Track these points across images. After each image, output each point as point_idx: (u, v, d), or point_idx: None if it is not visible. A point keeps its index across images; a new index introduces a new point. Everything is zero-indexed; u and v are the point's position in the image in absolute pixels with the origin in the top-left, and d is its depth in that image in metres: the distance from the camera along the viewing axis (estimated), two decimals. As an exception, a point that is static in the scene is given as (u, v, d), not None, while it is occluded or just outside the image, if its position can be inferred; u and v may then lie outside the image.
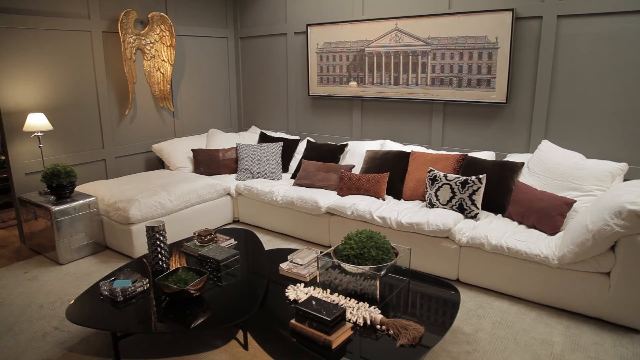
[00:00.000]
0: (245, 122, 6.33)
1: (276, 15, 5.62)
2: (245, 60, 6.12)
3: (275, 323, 2.58)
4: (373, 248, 2.59)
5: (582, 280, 2.95)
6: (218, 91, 6.06)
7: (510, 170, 3.72)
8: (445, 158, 4.01)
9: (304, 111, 5.63)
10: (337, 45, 5.05)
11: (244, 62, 6.13)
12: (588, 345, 2.73)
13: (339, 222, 4.03)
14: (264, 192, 4.47)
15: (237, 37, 6.08)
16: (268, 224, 4.62)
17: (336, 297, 2.63)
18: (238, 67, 6.19)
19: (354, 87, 5.01)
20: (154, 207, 4.02)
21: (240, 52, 6.12)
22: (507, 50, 4.02)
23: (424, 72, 4.50)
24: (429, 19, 4.38)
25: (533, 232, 3.30)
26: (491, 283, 3.32)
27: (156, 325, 2.49)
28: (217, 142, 5.42)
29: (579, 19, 3.75)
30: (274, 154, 5.01)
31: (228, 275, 3.00)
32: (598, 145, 3.83)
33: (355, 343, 2.33)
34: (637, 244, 2.72)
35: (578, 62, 3.81)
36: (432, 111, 4.62)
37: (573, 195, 3.43)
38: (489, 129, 4.33)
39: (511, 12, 3.94)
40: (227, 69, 6.12)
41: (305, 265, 3.00)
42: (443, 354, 2.63)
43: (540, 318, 3.02)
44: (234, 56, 6.15)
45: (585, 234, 2.83)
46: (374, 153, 4.43)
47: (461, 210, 3.62)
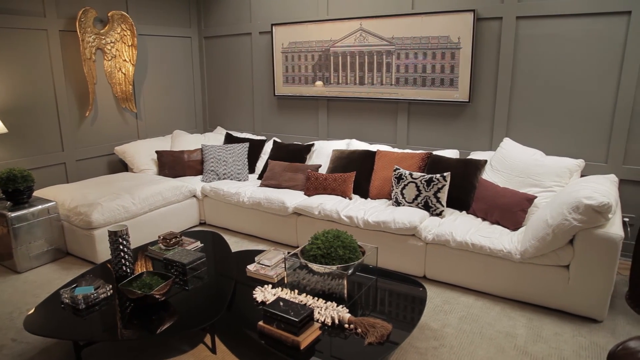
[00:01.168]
0: (210, 123, 6.25)
1: (240, 15, 5.57)
2: (209, 60, 6.04)
3: (243, 325, 2.55)
4: (340, 247, 2.60)
5: (543, 274, 3.04)
6: (182, 92, 5.96)
7: (474, 168, 3.80)
8: (410, 157, 4.07)
9: (270, 111, 5.60)
10: (303, 45, 5.04)
11: (209, 62, 6.05)
12: (549, 336, 2.81)
13: (307, 222, 4.03)
14: (231, 193, 4.42)
15: (201, 37, 6.00)
16: (235, 225, 4.58)
17: (304, 298, 2.62)
18: (202, 67, 6.10)
19: (320, 87, 5.01)
20: (117, 210, 3.92)
21: (205, 52, 6.04)
22: (469, 50, 4.10)
23: (389, 72, 4.54)
24: (392, 19, 4.43)
25: (496, 228, 3.38)
26: (457, 279, 3.38)
27: (120, 332, 2.43)
28: (182, 143, 5.33)
29: (537, 21, 3.86)
30: (240, 154, 4.96)
31: (194, 279, 2.95)
32: (557, 143, 3.95)
33: (323, 343, 2.32)
34: (594, 237, 2.83)
35: (537, 62, 3.92)
36: (397, 110, 4.67)
37: (534, 191, 3.53)
38: (453, 128, 4.41)
39: (472, 12, 4.02)
40: (192, 69, 6.03)
41: (272, 266, 2.98)
42: (411, 350, 2.66)
43: (504, 311, 3.09)
44: (198, 56, 6.06)
45: (545, 229, 2.92)
46: (340, 152, 4.44)
47: (427, 208, 3.67)
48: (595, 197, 2.76)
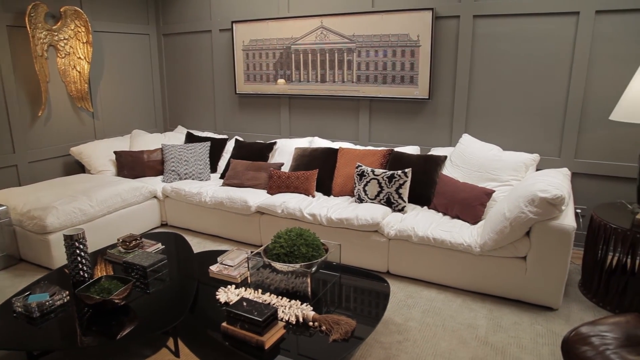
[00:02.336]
0: (171, 122, 6.13)
1: (200, 12, 5.47)
2: (169, 58, 5.91)
3: (207, 327, 2.51)
4: (303, 245, 2.60)
5: (502, 266, 3.12)
6: (141, 90, 5.82)
7: (434, 164, 3.87)
8: (372, 153, 4.10)
9: (232, 110, 5.54)
10: (264, 42, 5.01)
11: (168, 60, 5.93)
12: (508, 326, 2.90)
13: (270, 221, 4.00)
14: (192, 193, 4.35)
15: (160, 34, 5.86)
16: (198, 226, 4.51)
17: (268, 297, 2.61)
18: (162, 65, 5.97)
19: (282, 85, 4.99)
20: (73, 214, 3.79)
21: (164, 50, 5.91)
22: (428, 48, 4.17)
23: (350, 70, 4.56)
24: (353, 16, 4.45)
25: (457, 222, 3.45)
26: (420, 273, 3.44)
27: (78, 340, 2.35)
28: (141, 143, 5.20)
29: (493, 19, 3.95)
30: (201, 154, 4.88)
31: (156, 282, 2.89)
32: (513, 138, 4.07)
33: (288, 342, 2.32)
34: (549, 228, 2.92)
35: (493, 60, 4.02)
36: (358, 108, 4.70)
37: (492, 185, 3.62)
38: (414, 124, 4.47)
39: (431, 11, 4.08)
40: (150, 67, 5.89)
41: (235, 266, 2.95)
42: (376, 346, 2.69)
43: (465, 304, 3.16)
44: (157, 54, 5.93)
45: (503, 222, 3.00)
46: (303, 150, 4.44)
47: (389, 204, 3.71)
48: (550, 190, 2.85)
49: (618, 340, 2.00)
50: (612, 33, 3.58)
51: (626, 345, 1.97)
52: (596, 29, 3.61)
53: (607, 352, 1.93)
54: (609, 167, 3.76)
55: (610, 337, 2.02)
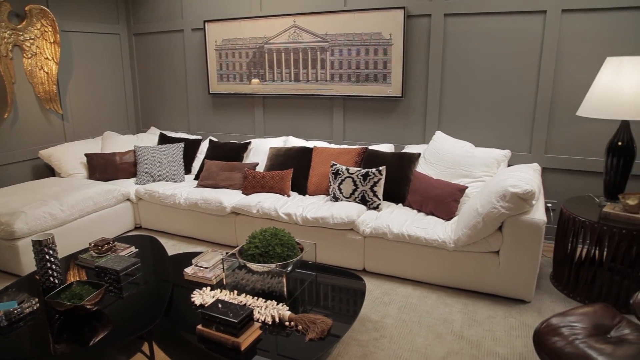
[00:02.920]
0: (143, 123, 6.03)
1: (171, 11, 5.40)
2: (140, 58, 5.82)
3: (182, 330, 2.48)
4: (278, 245, 2.59)
5: (476, 260, 3.17)
6: (112, 91, 5.71)
7: (408, 161, 3.90)
8: (346, 152, 4.11)
9: (205, 110, 5.49)
10: (236, 42, 4.97)
11: (140, 60, 5.83)
12: (483, 320, 2.94)
13: (245, 222, 3.98)
14: (166, 195, 4.30)
15: (131, 34, 5.77)
16: (172, 228, 4.45)
17: (244, 298, 2.59)
18: (133, 65, 5.87)
19: (256, 85, 4.96)
20: (43, 218, 3.70)
21: (135, 50, 5.81)
22: (400, 46, 4.20)
23: (323, 69, 4.57)
24: (326, 15, 4.45)
25: (431, 218, 3.49)
26: (395, 270, 3.47)
27: (50, 348, 2.29)
28: (113, 145, 5.10)
29: (463, 18, 4.01)
30: (175, 155, 4.82)
31: (130, 286, 2.84)
32: (485, 135, 4.13)
33: (265, 342, 2.30)
34: (520, 223, 2.98)
35: (465, 57, 4.07)
36: (332, 106, 4.71)
37: (465, 181, 3.67)
38: (387, 122, 4.50)
39: (403, 10, 4.11)
40: (122, 67, 5.78)
41: (210, 268, 2.93)
42: (353, 343, 2.70)
43: (441, 299, 3.20)
44: (128, 54, 5.83)
45: (476, 217, 3.04)
46: (277, 150, 4.43)
47: (364, 202, 3.73)
48: (520, 186, 2.91)
49: (586, 330, 2.05)
50: (578, 31, 3.67)
51: (594, 334, 2.03)
52: (563, 28, 3.70)
53: (576, 341, 1.98)
54: (577, 161, 3.85)
55: (579, 327, 2.07)
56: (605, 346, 1.92)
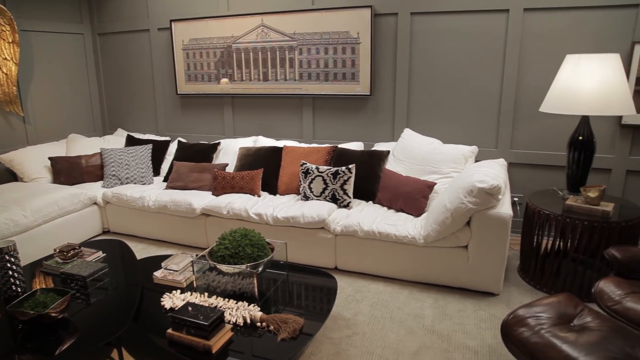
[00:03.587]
0: (110, 125, 5.91)
1: (137, 10, 5.30)
2: (106, 59, 5.69)
3: (152, 335, 2.44)
4: (248, 246, 2.57)
5: (446, 255, 3.22)
6: (77, 92, 5.57)
7: (378, 159, 3.93)
8: (316, 151, 4.12)
9: (173, 111, 5.41)
10: (204, 41, 4.91)
11: (105, 61, 5.70)
12: (453, 313, 2.99)
13: (216, 223, 3.94)
14: (134, 198, 4.22)
15: (95, 33, 5.63)
16: (142, 231, 4.37)
17: (215, 300, 2.57)
18: (98, 65, 5.73)
19: (225, 85, 4.92)
20: (4, 225, 3.59)
21: (100, 50, 5.68)
22: (368, 45, 4.22)
23: (292, 68, 4.56)
24: (293, 14, 4.44)
25: (401, 215, 3.53)
26: (367, 267, 3.49)
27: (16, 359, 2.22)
28: (78, 148, 4.98)
29: (429, 16, 4.06)
30: (143, 157, 4.74)
31: (97, 291, 2.77)
32: (453, 131, 4.20)
33: (237, 344, 2.29)
34: (487, 217, 3.04)
35: (431, 55, 4.13)
36: (302, 105, 4.71)
37: (433, 178, 3.72)
38: (357, 121, 4.53)
39: (370, 8, 4.14)
40: (86, 68, 5.64)
41: (180, 270, 2.89)
42: (326, 342, 2.71)
43: (412, 294, 3.24)
44: (93, 54, 5.69)
45: (444, 213, 3.09)
46: (247, 150, 4.40)
47: (334, 200, 3.74)
48: (487, 181, 2.96)
49: (551, 320, 2.10)
50: (540, 30, 3.76)
51: (558, 323, 2.08)
52: (525, 26, 3.79)
53: (541, 331, 2.03)
54: (541, 156, 3.95)
55: (545, 317, 2.13)
56: (569, 334, 1.98)
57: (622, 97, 2.99)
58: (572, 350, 1.87)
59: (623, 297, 2.29)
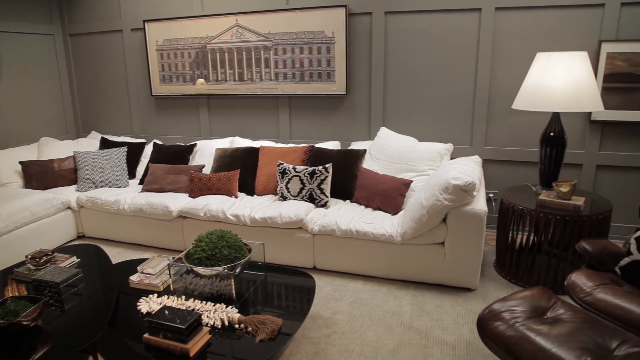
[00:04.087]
0: (83, 128, 5.80)
1: (109, 10, 5.21)
2: (78, 60, 5.58)
3: (128, 340, 2.41)
4: (225, 247, 2.56)
5: (423, 252, 3.25)
6: (48, 95, 5.45)
7: (354, 158, 3.95)
8: (293, 151, 4.11)
9: (148, 112, 5.34)
10: (178, 42, 4.86)
11: (77, 62, 5.59)
12: (431, 309, 3.02)
13: (193, 225, 3.91)
14: (109, 201, 4.15)
15: (66, 34, 5.52)
16: (118, 235, 4.31)
17: (192, 303, 2.55)
18: (70, 67, 5.62)
19: (200, 85, 4.88)
20: (-26, 232, 3.50)
21: (71, 51, 5.57)
22: (343, 44, 4.24)
23: (267, 68, 4.55)
24: (268, 14, 4.43)
25: (378, 213, 3.55)
26: (345, 266, 3.50)
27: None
28: (50, 151, 4.87)
29: (403, 15, 4.09)
30: (117, 160, 4.66)
31: (72, 298, 2.72)
32: (428, 129, 4.24)
33: (215, 347, 2.27)
34: (463, 214, 3.08)
35: (406, 54, 4.16)
36: (278, 106, 4.70)
37: (410, 176, 3.75)
38: (333, 120, 4.54)
39: (344, 8, 4.15)
40: (57, 69, 5.53)
41: (157, 274, 2.85)
42: (305, 342, 2.71)
43: (390, 292, 3.26)
44: (64, 55, 5.58)
45: (421, 210, 3.12)
46: (224, 151, 4.37)
47: (312, 200, 3.74)
48: (462, 178, 3.00)
49: (525, 313, 2.14)
50: (511, 28, 3.82)
51: (532, 316, 2.12)
52: (497, 25, 3.85)
53: (516, 324, 2.06)
54: (515, 152, 4.02)
55: (519, 310, 2.16)
56: (542, 327, 2.02)
57: (591, 94, 3.06)
58: (545, 342, 1.91)
59: (594, 289, 2.34)
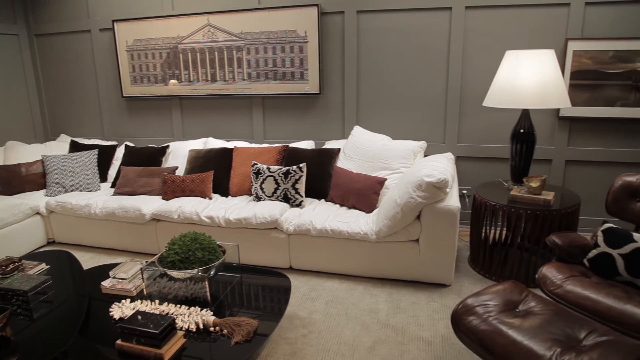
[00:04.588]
0: (52, 131, 5.65)
1: (76, 10, 5.09)
2: (45, 61, 5.43)
3: (101, 347, 2.36)
4: (198, 250, 2.53)
5: (398, 250, 3.27)
6: (14, 97, 5.29)
7: (328, 157, 3.95)
8: (267, 151, 4.09)
9: (120, 114, 5.24)
10: (149, 42, 4.79)
11: (44, 63, 5.45)
12: (407, 306, 3.04)
13: (167, 228, 3.85)
14: (80, 206, 4.06)
15: (31, 34, 5.37)
16: (90, 240, 4.21)
17: (166, 307, 2.51)
18: (37, 68, 5.47)
19: (172, 86, 4.81)
20: (-63, 240, 3.38)
21: (38, 52, 5.42)
22: (315, 43, 4.23)
23: (240, 67, 4.51)
24: (240, 13, 4.39)
25: (353, 212, 3.56)
26: (321, 265, 3.50)
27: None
28: (18, 155, 4.74)
29: (375, 14, 4.11)
30: (88, 163, 4.57)
31: (41, 306, 2.65)
32: (401, 127, 4.27)
33: (190, 350, 2.24)
34: (436, 210, 3.11)
35: (379, 53, 4.18)
36: (251, 106, 4.67)
37: (384, 174, 3.78)
38: (307, 119, 4.53)
39: (316, 7, 4.15)
40: (23, 70, 5.37)
41: (130, 278, 2.80)
42: (281, 342, 2.70)
43: (367, 290, 3.27)
44: (30, 56, 5.42)
45: (395, 208, 3.14)
46: (197, 152, 4.32)
47: (286, 199, 3.73)
48: (434, 175, 3.03)
49: (498, 307, 2.17)
50: (481, 27, 3.88)
51: (505, 310, 2.15)
52: (467, 23, 3.90)
53: (489, 318, 2.09)
54: (487, 149, 4.08)
55: (492, 304, 2.19)
56: (515, 320, 2.05)
57: (558, 91, 3.12)
58: (517, 335, 1.95)
59: (564, 281, 2.40)
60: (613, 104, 3.71)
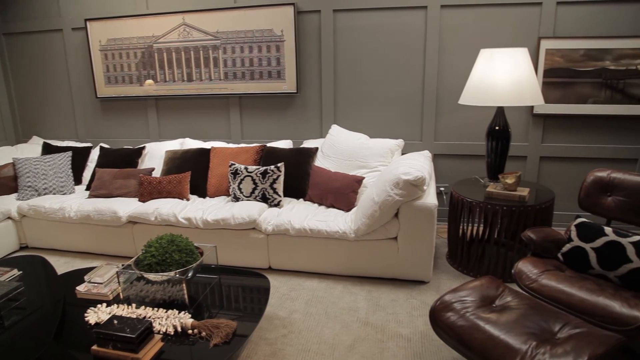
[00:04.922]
0: (24, 133, 5.52)
1: (47, 9, 4.96)
2: (15, 61, 5.29)
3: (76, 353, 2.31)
4: (175, 252, 2.49)
5: (376, 248, 3.28)
6: (-18, 99, 5.16)
7: (306, 156, 3.94)
8: (245, 151, 4.07)
9: (94, 115, 5.14)
10: (123, 42, 4.71)
11: (14, 63, 5.30)
12: (386, 304, 3.06)
13: (144, 230, 3.79)
14: (54, 209, 3.97)
15: (0, 33, 5.22)
16: (64, 244, 4.12)
17: (143, 311, 2.47)
18: (6, 68, 5.33)
19: (148, 86, 4.74)
20: None
21: (7, 51, 5.27)
22: (292, 42, 4.22)
23: (217, 67, 4.47)
24: (216, 13, 4.35)
25: (332, 211, 3.56)
26: (301, 265, 3.49)
27: None
28: (-13, 159, 4.62)
29: (351, 13, 4.12)
30: (62, 165, 4.47)
31: (13, 312, 2.58)
32: (379, 125, 4.29)
33: (168, 354, 2.21)
34: (414, 208, 3.13)
35: (355, 52, 4.19)
36: (228, 105, 4.63)
37: (362, 172, 3.79)
38: (285, 119, 4.52)
39: (292, 6, 4.13)
40: (-8, 72, 5.24)
41: (105, 282, 2.75)
42: (261, 343, 2.68)
43: (346, 289, 3.28)
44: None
45: (373, 206, 3.15)
46: (174, 153, 4.27)
47: (265, 199, 3.71)
48: (412, 173, 3.05)
49: (475, 302, 2.20)
50: (456, 25, 3.92)
51: (482, 305, 2.18)
52: (442, 22, 3.93)
53: (467, 314, 2.12)
54: (463, 146, 4.13)
55: (469, 300, 2.22)
56: (491, 315, 2.08)
57: (532, 89, 3.18)
58: (494, 330, 1.97)
59: (539, 276, 2.44)
60: (585, 101, 3.79)
